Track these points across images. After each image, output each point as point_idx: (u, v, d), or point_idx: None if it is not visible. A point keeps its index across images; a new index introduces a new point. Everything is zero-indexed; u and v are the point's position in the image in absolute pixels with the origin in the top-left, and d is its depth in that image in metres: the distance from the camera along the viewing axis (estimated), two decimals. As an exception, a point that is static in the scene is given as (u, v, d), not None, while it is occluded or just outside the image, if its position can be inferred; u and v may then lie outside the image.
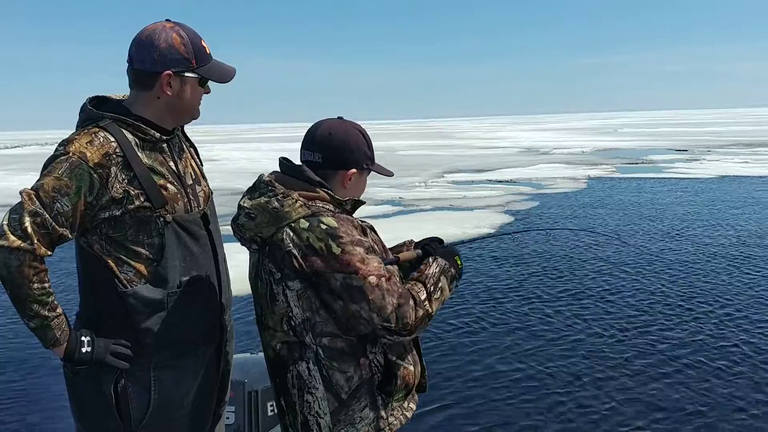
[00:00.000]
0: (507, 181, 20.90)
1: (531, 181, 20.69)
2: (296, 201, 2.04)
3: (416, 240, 2.43)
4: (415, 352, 2.26)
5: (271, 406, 3.00)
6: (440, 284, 2.16)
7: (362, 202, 2.24)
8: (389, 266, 2.10)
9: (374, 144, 2.26)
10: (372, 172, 2.29)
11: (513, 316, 7.14)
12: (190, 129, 2.41)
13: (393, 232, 11.40)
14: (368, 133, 2.25)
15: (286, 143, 51.71)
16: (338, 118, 2.23)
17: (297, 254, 2.00)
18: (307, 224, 2.01)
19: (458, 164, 27.67)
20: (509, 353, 6.01)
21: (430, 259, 2.22)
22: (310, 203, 2.06)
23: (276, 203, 2.04)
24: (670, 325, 6.65)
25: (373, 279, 1.99)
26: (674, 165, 25.38)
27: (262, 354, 2.25)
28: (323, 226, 2.00)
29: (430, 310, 2.09)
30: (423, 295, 2.09)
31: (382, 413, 2.13)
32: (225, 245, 2.46)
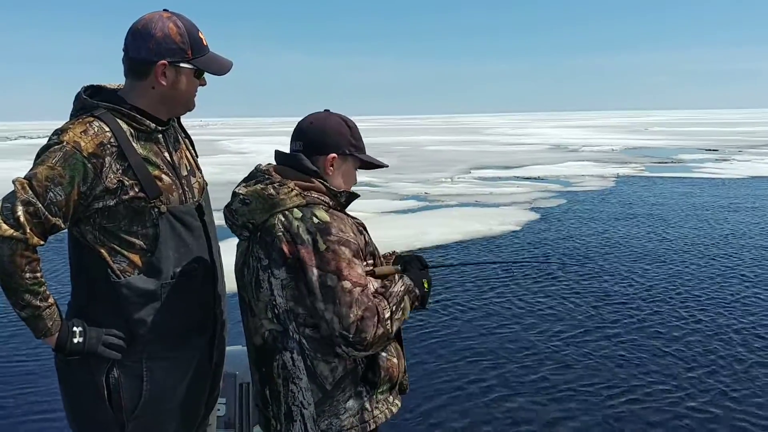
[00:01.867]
0: (534, 178, 20.74)
1: (558, 179, 20.51)
2: (292, 190, 2.06)
3: (401, 252, 2.40)
4: (398, 344, 2.24)
5: None
6: (403, 304, 2.13)
7: (356, 196, 2.23)
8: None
9: (400, 139, 2.26)
10: (373, 169, 2.31)
11: (501, 311, 7.08)
12: (216, 120, 2.38)
13: (418, 228, 11.44)
14: (355, 123, 2.25)
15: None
16: (324, 110, 2.24)
17: (286, 239, 2.01)
18: (300, 214, 2.03)
19: (485, 160, 27.54)
20: (496, 353, 5.93)
21: (396, 277, 2.19)
22: (305, 193, 2.07)
23: (272, 190, 2.06)
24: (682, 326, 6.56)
25: (347, 284, 1.99)
26: (704, 165, 25.01)
27: None
28: (315, 220, 2.02)
29: (390, 329, 2.07)
30: (387, 314, 2.06)
31: (367, 405, 2.12)
32: (220, 238, 2.45)
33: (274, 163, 2.23)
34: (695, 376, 5.36)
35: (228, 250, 2.46)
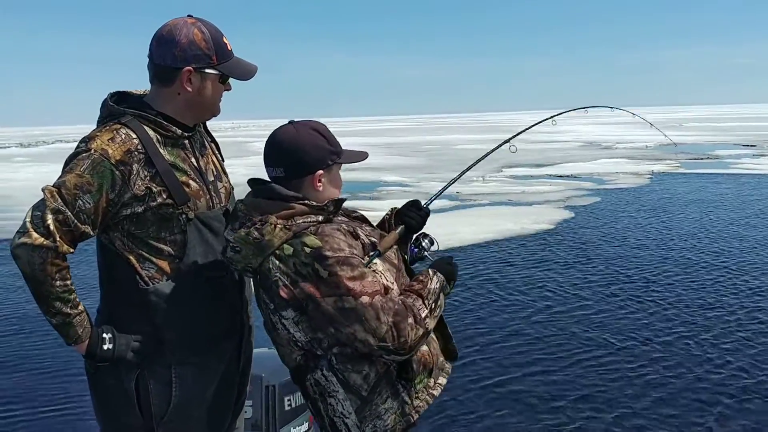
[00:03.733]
0: (567, 176, 20.55)
1: (592, 176, 20.30)
2: (275, 226, 2.00)
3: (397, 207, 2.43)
4: None
5: (288, 400, 3.02)
6: (440, 301, 2.13)
7: (343, 200, 2.19)
8: (383, 280, 2.06)
9: (431, 138, 2.20)
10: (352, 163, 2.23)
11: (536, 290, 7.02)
12: (247, 122, 2.36)
13: (450, 227, 11.36)
14: (328, 128, 2.16)
15: (365, 137, 51.62)
16: (289, 122, 2.16)
17: (285, 282, 1.98)
18: (291, 249, 1.98)
19: (517, 159, 27.30)
20: (538, 326, 5.89)
21: (431, 272, 2.17)
22: (289, 223, 2.01)
23: (256, 233, 2.01)
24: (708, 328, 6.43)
25: (365, 299, 1.95)
26: (741, 160, 24.53)
27: None
28: (307, 249, 1.96)
29: (429, 328, 2.06)
30: (424, 312, 2.04)
31: (406, 399, 2.10)
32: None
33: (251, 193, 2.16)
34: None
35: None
